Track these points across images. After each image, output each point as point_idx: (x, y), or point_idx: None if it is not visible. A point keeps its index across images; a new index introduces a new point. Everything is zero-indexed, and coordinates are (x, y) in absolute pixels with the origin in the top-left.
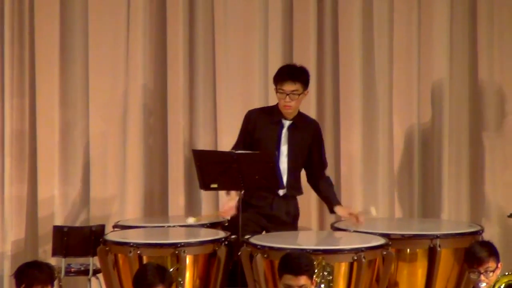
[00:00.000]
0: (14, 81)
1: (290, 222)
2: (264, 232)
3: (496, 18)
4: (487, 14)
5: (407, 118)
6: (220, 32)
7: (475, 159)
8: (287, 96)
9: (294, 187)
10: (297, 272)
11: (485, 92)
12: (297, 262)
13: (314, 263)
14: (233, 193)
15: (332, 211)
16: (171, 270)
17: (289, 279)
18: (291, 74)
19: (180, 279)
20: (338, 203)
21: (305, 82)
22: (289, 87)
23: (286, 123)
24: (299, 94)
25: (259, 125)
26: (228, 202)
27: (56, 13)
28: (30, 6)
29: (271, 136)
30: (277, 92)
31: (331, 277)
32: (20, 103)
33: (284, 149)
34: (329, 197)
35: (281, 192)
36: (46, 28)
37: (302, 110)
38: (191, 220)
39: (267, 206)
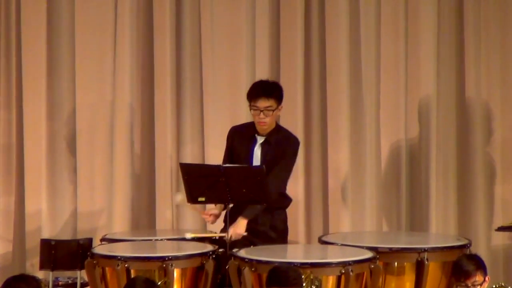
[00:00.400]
0: (1, 94)
1: (277, 238)
2: (251, 246)
3: (483, 34)
4: (474, 30)
5: (395, 132)
6: (206, 45)
7: (462, 173)
8: (261, 113)
9: (274, 200)
10: (285, 285)
11: (472, 109)
12: (285, 275)
13: (302, 276)
14: (219, 205)
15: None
16: (159, 283)
17: None
18: (264, 90)
19: None
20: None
21: (278, 98)
22: (262, 103)
23: (259, 139)
24: (273, 110)
25: (236, 141)
26: (213, 209)
27: (43, 27)
28: (17, 19)
29: (244, 151)
30: (251, 108)
31: None
32: (7, 116)
33: (256, 164)
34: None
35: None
36: (33, 41)
37: (289, 123)
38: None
39: (253, 220)
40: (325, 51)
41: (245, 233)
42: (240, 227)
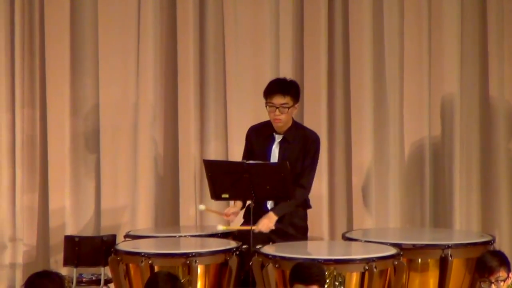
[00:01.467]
0: (25, 91)
1: (296, 235)
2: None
3: (506, 32)
4: (497, 29)
5: (418, 129)
6: (230, 43)
7: (485, 170)
8: (277, 110)
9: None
10: (308, 281)
11: (495, 107)
12: (308, 272)
13: (326, 272)
14: (238, 203)
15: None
16: (182, 281)
17: None
18: (280, 87)
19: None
20: (272, 211)
21: (295, 96)
22: (278, 100)
23: (277, 137)
24: (289, 108)
25: (254, 140)
26: (233, 208)
27: (67, 24)
28: (40, 17)
29: (262, 151)
30: (267, 105)
31: (342, 287)
32: (31, 113)
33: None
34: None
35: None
36: (57, 38)
37: (312, 121)
38: (201, 207)
39: None
40: (348, 49)
41: (273, 227)
42: (271, 221)
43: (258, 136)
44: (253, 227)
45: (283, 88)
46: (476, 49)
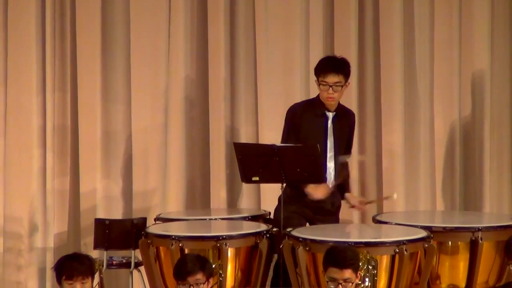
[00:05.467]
0: (56, 76)
1: (334, 212)
2: (307, 224)
3: None
4: None
5: (448, 112)
6: (261, 24)
7: None
8: (330, 88)
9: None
10: (342, 265)
11: None
12: (342, 255)
13: (360, 256)
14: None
15: (342, 197)
16: (214, 266)
17: (334, 272)
18: (333, 66)
19: (221, 272)
20: (349, 191)
21: (347, 74)
22: (332, 79)
23: (330, 115)
24: (341, 86)
25: (305, 119)
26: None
27: (98, 7)
28: (71, 1)
29: (317, 129)
30: (319, 84)
31: (375, 271)
32: (62, 98)
33: (330, 140)
34: (343, 184)
35: (331, 184)
36: (88, 22)
37: (344, 104)
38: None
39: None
40: (379, 32)
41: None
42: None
43: (309, 114)
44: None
45: (336, 67)
46: (507, 32)
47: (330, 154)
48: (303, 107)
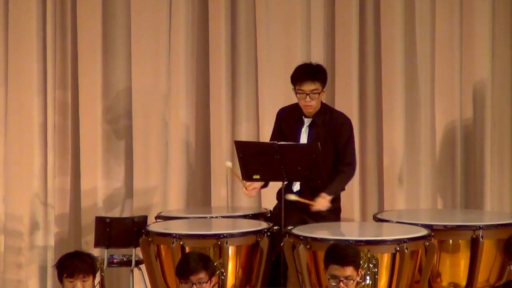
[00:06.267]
0: (57, 74)
1: (330, 216)
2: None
3: None
4: None
5: (450, 111)
6: (262, 22)
7: None
8: (307, 96)
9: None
10: (344, 263)
11: None
12: (344, 253)
13: (361, 254)
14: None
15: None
16: (216, 264)
17: (335, 269)
18: (309, 73)
19: (222, 270)
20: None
21: (323, 81)
22: (308, 86)
23: (306, 120)
24: (318, 93)
25: (284, 123)
26: (253, 183)
27: (98, 6)
28: None
29: (291, 133)
30: (296, 92)
31: (376, 269)
32: (63, 96)
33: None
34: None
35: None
36: (88, 21)
37: (344, 103)
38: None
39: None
40: (380, 31)
41: (330, 205)
42: (326, 200)
43: (288, 119)
44: (311, 203)
45: (312, 74)
46: (508, 31)
47: None
48: (287, 111)
